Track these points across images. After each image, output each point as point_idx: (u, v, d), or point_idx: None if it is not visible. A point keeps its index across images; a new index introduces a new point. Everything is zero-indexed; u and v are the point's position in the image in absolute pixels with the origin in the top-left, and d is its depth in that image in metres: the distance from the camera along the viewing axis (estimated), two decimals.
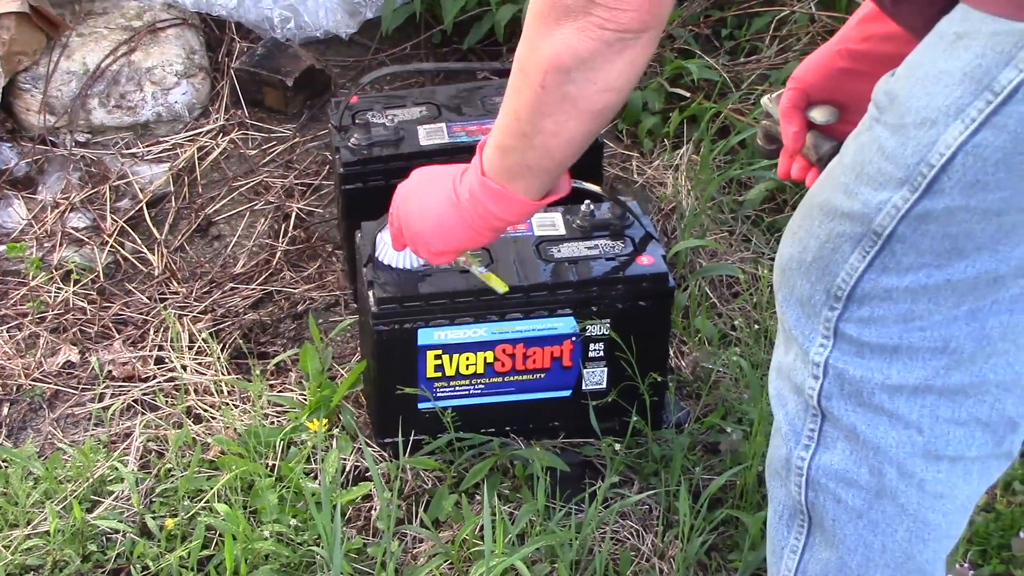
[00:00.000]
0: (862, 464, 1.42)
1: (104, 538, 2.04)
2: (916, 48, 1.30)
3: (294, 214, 2.67)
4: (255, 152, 2.82)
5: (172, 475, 2.12)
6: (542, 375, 2.14)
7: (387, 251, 2.06)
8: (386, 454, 2.16)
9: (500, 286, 2.02)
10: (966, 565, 1.99)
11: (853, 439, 1.42)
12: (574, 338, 2.11)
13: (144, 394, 2.30)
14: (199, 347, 2.38)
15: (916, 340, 1.35)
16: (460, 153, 2.35)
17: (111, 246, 2.60)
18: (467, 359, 2.11)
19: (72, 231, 2.63)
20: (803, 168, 1.64)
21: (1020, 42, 1.20)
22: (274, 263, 2.58)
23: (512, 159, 1.57)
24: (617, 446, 2.13)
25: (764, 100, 1.70)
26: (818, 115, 1.60)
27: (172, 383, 2.32)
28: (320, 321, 2.42)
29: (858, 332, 1.37)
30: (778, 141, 1.67)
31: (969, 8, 1.24)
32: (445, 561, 1.99)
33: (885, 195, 1.30)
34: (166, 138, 2.83)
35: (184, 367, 2.34)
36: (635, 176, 2.76)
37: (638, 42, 1.40)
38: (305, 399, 2.24)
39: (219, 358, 2.34)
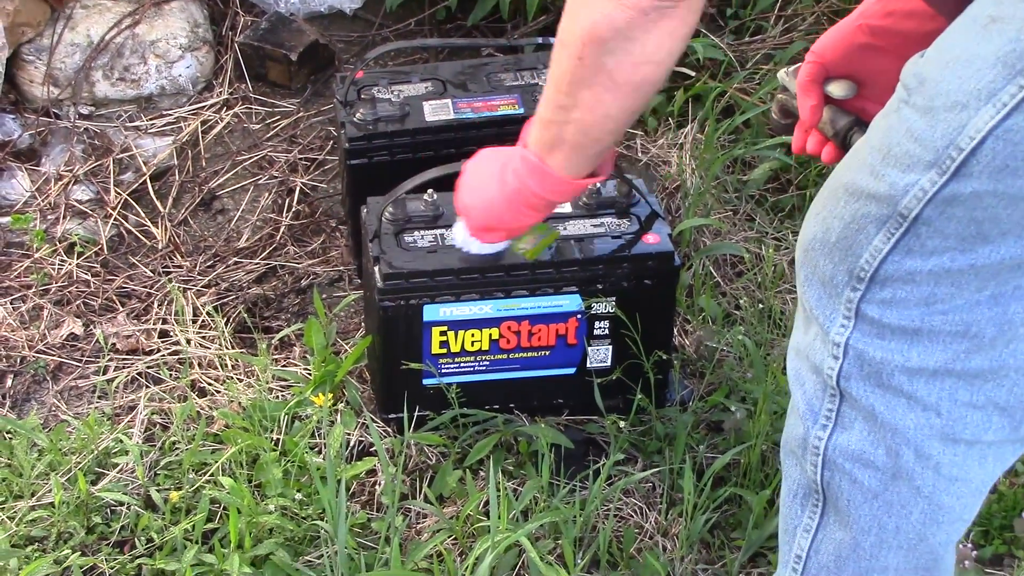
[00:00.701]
0: (879, 445, 1.42)
1: (108, 510, 2.04)
2: (947, 30, 1.29)
3: (298, 189, 2.67)
4: (259, 126, 2.81)
5: (176, 448, 2.12)
6: (547, 352, 2.14)
7: (458, 236, 1.92)
8: (390, 429, 2.16)
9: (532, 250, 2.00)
10: (969, 545, 2.00)
11: (871, 420, 1.42)
12: (579, 316, 2.11)
13: (148, 367, 2.30)
14: (203, 321, 2.38)
15: (937, 323, 1.35)
16: (465, 129, 2.35)
17: (115, 219, 2.60)
18: (472, 335, 2.11)
19: (76, 203, 2.62)
20: (819, 143, 1.64)
21: None
22: (278, 237, 2.58)
23: (551, 132, 1.57)
24: (621, 424, 2.13)
25: (781, 74, 1.69)
26: (836, 89, 1.60)
27: (176, 356, 2.32)
28: (324, 296, 2.42)
29: (880, 314, 1.37)
30: (794, 115, 1.66)
31: None
32: (449, 536, 2.00)
33: (913, 177, 1.29)
34: (170, 111, 2.82)
35: (188, 340, 2.34)
36: (639, 154, 2.76)
37: (676, 11, 1.39)
38: (310, 374, 2.24)
39: (223, 332, 2.34)
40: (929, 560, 1.49)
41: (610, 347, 2.15)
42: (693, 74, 2.87)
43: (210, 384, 2.26)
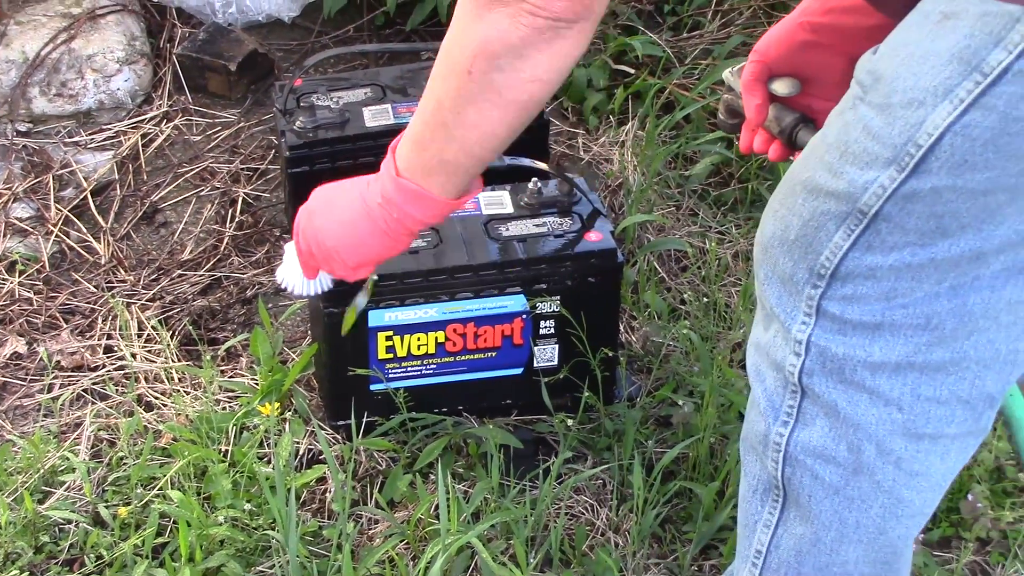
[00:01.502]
0: (841, 441, 1.42)
1: (57, 529, 2.02)
2: (899, 26, 1.29)
3: (240, 199, 2.66)
4: (200, 138, 2.80)
5: (124, 463, 2.11)
6: (494, 354, 2.15)
7: (293, 280, 1.81)
8: (339, 436, 2.16)
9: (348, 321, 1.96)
10: None
11: (833, 416, 1.42)
12: (524, 316, 2.12)
13: (94, 383, 2.29)
14: (148, 335, 2.37)
15: (898, 317, 1.35)
16: None
17: (56, 235, 2.58)
18: (418, 339, 2.11)
19: (16, 221, 2.60)
20: (765, 141, 1.64)
21: (1009, 23, 1.20)
22: (222, 248, 2.57)
23: (429, 154, 1.53)
24: (570, 422, 2.14)
25: (726, 74, 1.69)
26: (780, 87, 1.60)
27: (122, 371, 2.30)
28: (270, 306, 2.41)
29: (841, 310, 1.37)
30: (740, 115, 1.67)
31: None
32: (401, 541, 2.00)
33: (872, 174, 1.29)
34: (109, 126, 2.81)
35: (134, 355, 2.33)
36: (581, 153, 2.76)
37: (570, 32, 1.38)
38: (257, 384, 2.23)
39: (169, 345, 2.33)
40: (888, 554, 1.50)
41: (556, 346, 2.16)
42: (632, 72, 2.89)
43: (157, 398, 2.25)
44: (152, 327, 2.37)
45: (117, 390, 2.26)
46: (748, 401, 1.51)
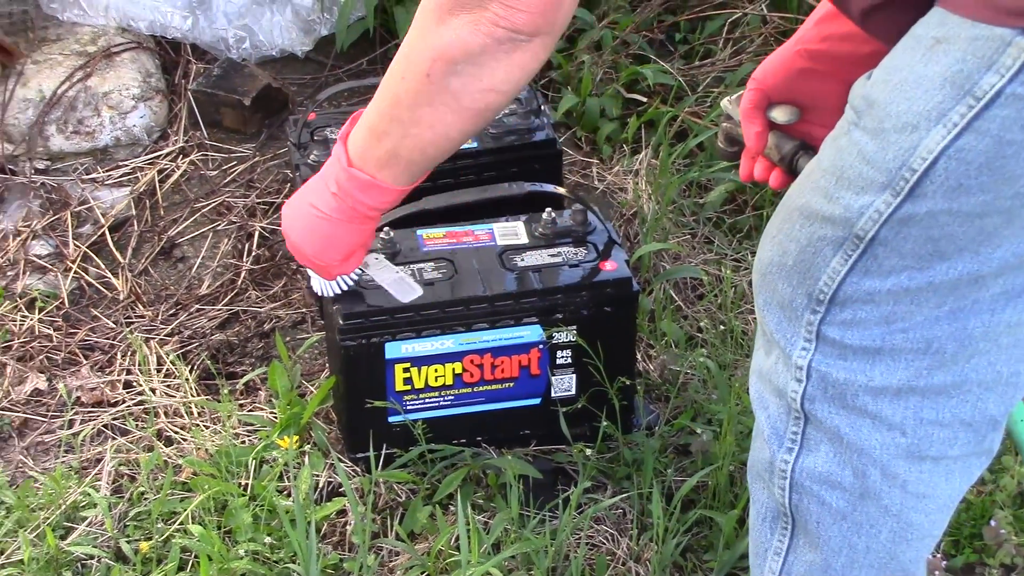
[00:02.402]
0: (846, 466, 1.42)
1: (79, 564, 2.03)
2: (892, 51, 1.30)
3: (257, 233, 2.67)
4: (215, 173, 2.82)
5: (145, 498, 2.11)
6: (511, 384, 2.15)
7: (321, 286, 2.05)
8: (358, 469, 2.16)
9: None
10: (939, 556, 2.01)
11: (837, 441, 1.42)
12: (541, 346, 2.12)
13: (114, 419, 2.30)
14: (167, 369, 2.37)
15: (899, 341, 1.35)
16: None
17: (75, 272, 2.59)
18: (435, 371, 2.12)
19: (35, 259, 2.62)
20: (766, 169, 1.65)
21: (1000, 47, 1.20)
22: (239, 283, 2.58)
23: (383, 147, 1.57)
24: (588, 451, 2.14)
25: (724, 102, 1.70)
26: (779, 115, 1.61)
27: (141, 407, 2.31)
28: (287, 339, 2.42)
29: (840, 335, 1.37)
30: (739, 143, 1.68)
31: (947, 12, 1.24)
32: (422, 573, 2.00)
33: (867, 199, 1.30)
34: (126, 162, 2.83)
35: (153, 390, 2.33)
36: (595, 182, 2.77)
37: (529, 45, 1.40)
38: (275, 417, 2.24)
39: (188, 380, 2.34)
40: None
41: (574, 375, 2.16)
42: (645, 100, 2.90)
43: (176, 432, 2.26)
44: (171, 362, 2.38)
45: (137, 425, 2.27)
46: (754, 429, 1.52)
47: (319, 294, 2.06)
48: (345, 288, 2.05)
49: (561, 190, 2.19)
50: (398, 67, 1.49)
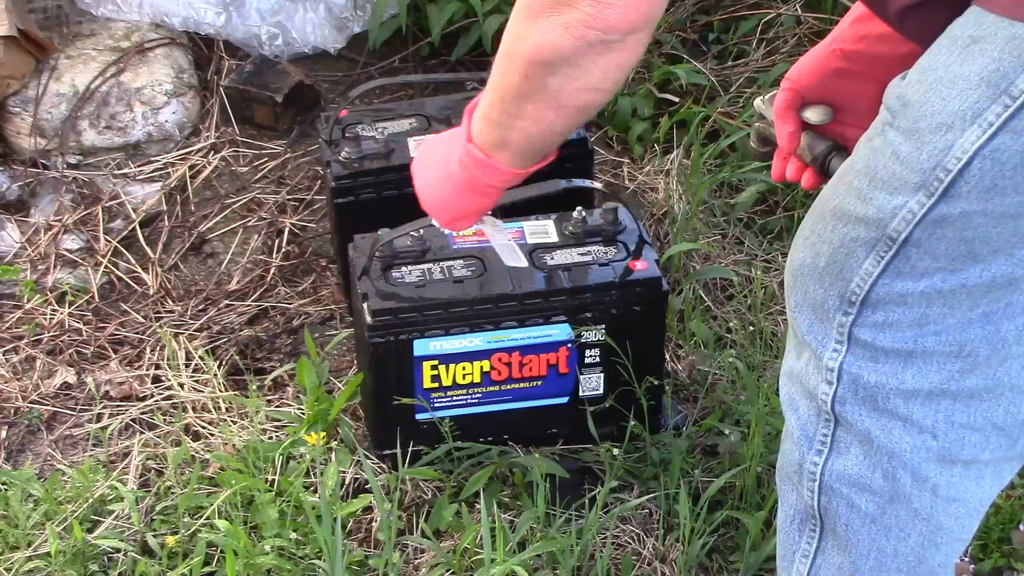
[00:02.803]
0: (876, 469, 1.41)
1: (105, 558, 2.04)
2: (928, 51, 1.28)
3: (287, 229, 2.68)
4: (247, 169, 2.82)
5: (172, 492, 2.12)
6: (539, 383, 2.14)
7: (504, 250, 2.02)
8: (385, 466, 2.16)
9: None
10: (967, 560, 1.99)
11: (867, 444, 1.41)
12: (570, 345, 2.12)
13: (142, 413, 2.30)
14: (196, 365, 2.38)
15: (931, 344, 1.34)
16: None
17: (105, 267, 2.60)
18: (463, 369, 2.11)
19: (66, 253, 2.63)
20: (798, 169, 1.63)
21: None
22: (268, 279, 2.58)
23: (497, 134, 1.56)
24: (616, 451, 2.13)
25: (757, 102, 1.69)
26: (812, 115, 1.60)
27: (169, 401, 2.32)
28: (316, 335, 2.42)
29: (872, 337, 1.36)
30: (772, 143, 1.66)
31: (983, 12, 1.23)
32: (447, 570, 1.99)
33: (900, 200, 1.29)
34: (157, 157, 2.83)
35: (181, 385, 2.34)
36: (626, 182, 2.76)
37: (624, 45, 1.36)
38: (303, 413, 2.24)
39: (216, 375, 2.34)
40: None
41: (602, 375, 2.15)
42: (677, 100, 2.89)
43: (204, 427, 2.26)
44: (199, 357, 2.38)
45: (165, 420, 2.28)
46: (783, 431, 1.51)
47: (516, 265, 2.02)
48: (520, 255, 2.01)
49: (597, 184, 2.18)
50: (500, 64, 1.47)
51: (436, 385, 2.12)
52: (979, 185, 1.25)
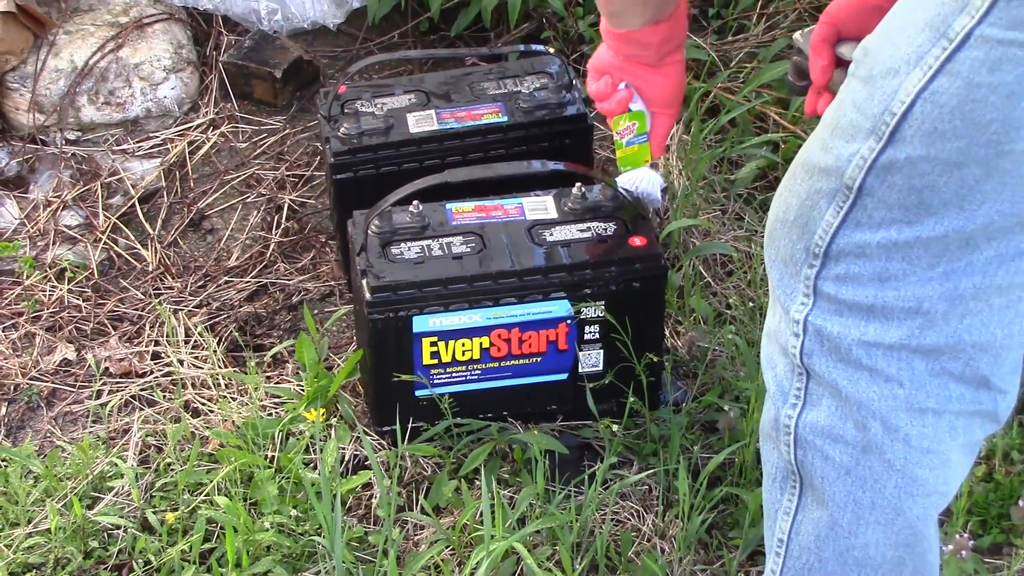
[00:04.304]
0: (847, 420, 1.44)
1: (105, 534, 2.04)
2: (894, 6, 1.32)
3: (286, 205, 2.67)
4: (246, 145, 2.82)
5: (172, 469, 2.12)
6: (538, 359, 2.14)
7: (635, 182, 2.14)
8: (385, 442, 2.16)
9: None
10: (966, 535, 1.99)
11: (836, 395, 1.43)
12: (569, 321, 2.11)
13: (141, 389, 2.31)
14: (195, 341, 2.38)
15: (891, 300, 1.37)
16: (450, 140, 2.36)
17: (104, 243, 2.60)
18: (463, 345, 2.11)
19: (65, 229, 2.63)
20: (829, 104, 1.65)
21: None
22: (268, 255, 2.58)
23: (601, 4, 1.91)
24: (615, 427, 2.13)
25: (796, 36, 1.70)
26: (847, 51, 1.60)
27: (169, 378, 2.32)
28: (315, 312, 2.42)
29: (835, 290, 1.39)
30: (808, 77, 1.67)
31: None
32: (447, 547, 2.00)
33: (855, 147, 1.32)
34: (156, 133, 2.83)
35: (181, 361, 2.34)
36: None
37: None
38: (302, 390, 2.24)
39: (215, 351, 2.34)
40: (908, 535, 1.49)
41: (601, 351, 2.15)
42: None
43: (203, 404, 2.26)
44: (199, 333, 2.38)
45: (164, 396, 2.28)
46: (765, 393, 1.52)
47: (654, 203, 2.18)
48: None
49: (588, 171, 2.17)
50: None
51: (435, 361, 2.12)
52: (921, 129, 1.28)
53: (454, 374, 2.13)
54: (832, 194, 1.35)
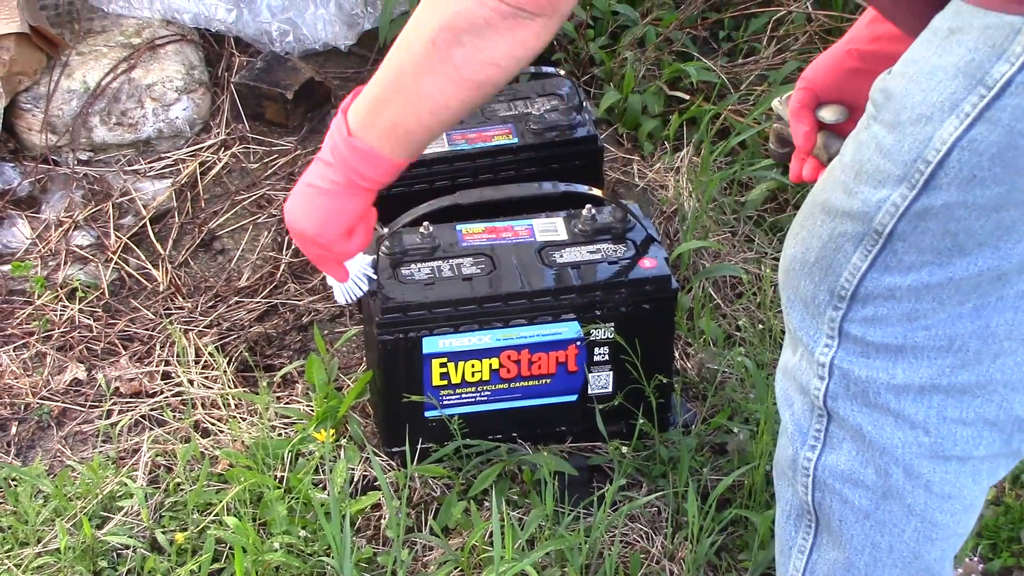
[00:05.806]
0: (868, 465, 1.42)
1: (115, 554, 2.04)
2: (913, 44, 1.30)
3: None
4: (257, 165, 2.83)
5: (181, 489, 2.12)
6: (548, 380, 2.14)
7: (337, 294, 2.04)
8: (394, 463, 2.16)
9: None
10: (976, 559, 1.99)
11: (859, 439, 1.41)
12: (579, 343, 2.12)
13: (151, 409, 2.31)
14: (205, 361, 2.38)
15: (921, 339, 1.35)
16: (461, 161, 2.36)
17: (115, 263, 2.61)
18: (472, 366, 2.11)
19: (76, 249, 2.63)
20: (815, 169, 1.64)
21: (1011, 35, 1.20)
22: (278, 275, 2.58)
23: (384, 117, 1.60)
24: (624, 449, 2.13)
25: (775, 103, 1.70)
26: (828, 114, 1.61)
27: (179, 398, 2.32)
28: (325, 332, 2.43)
29: (863, 332, 1.37)
30: (790, 144, 1.67)
31: (961, 2, 1.24)
32: (455, 568, 2.00)
33: (884, 193, 1.30)
34: (168, 154, 2.84)
35: (191, 381, 2.34)
36: (636, 179, 2.76)
37: (532, 24, 1.43)
38: (312, 410, 2.24)
39: (225, 371, 2.34)
40: None
41: (611, 373, 2.15)
42: (688, 97, 2.88)
43: (213, 424, 2.26)
44: (209, 353, 2.39)
45: (174, 416, 2.28)
46: (780, 428, 1.51)
47: (345, 303, 2.05)
48: (363, 290, 2.03)
49: (596, 191, 2.18)
50: (404, 37, 1.53)
51: (445, 383, 2.12)
52: (959, 176, 1.26)
53: (463, 395, 2.14)
54: (859, 238, 1.33)
